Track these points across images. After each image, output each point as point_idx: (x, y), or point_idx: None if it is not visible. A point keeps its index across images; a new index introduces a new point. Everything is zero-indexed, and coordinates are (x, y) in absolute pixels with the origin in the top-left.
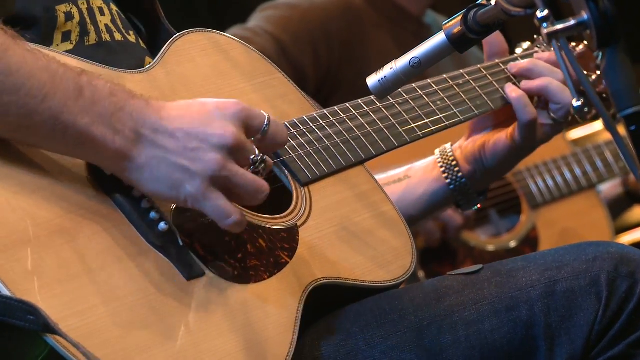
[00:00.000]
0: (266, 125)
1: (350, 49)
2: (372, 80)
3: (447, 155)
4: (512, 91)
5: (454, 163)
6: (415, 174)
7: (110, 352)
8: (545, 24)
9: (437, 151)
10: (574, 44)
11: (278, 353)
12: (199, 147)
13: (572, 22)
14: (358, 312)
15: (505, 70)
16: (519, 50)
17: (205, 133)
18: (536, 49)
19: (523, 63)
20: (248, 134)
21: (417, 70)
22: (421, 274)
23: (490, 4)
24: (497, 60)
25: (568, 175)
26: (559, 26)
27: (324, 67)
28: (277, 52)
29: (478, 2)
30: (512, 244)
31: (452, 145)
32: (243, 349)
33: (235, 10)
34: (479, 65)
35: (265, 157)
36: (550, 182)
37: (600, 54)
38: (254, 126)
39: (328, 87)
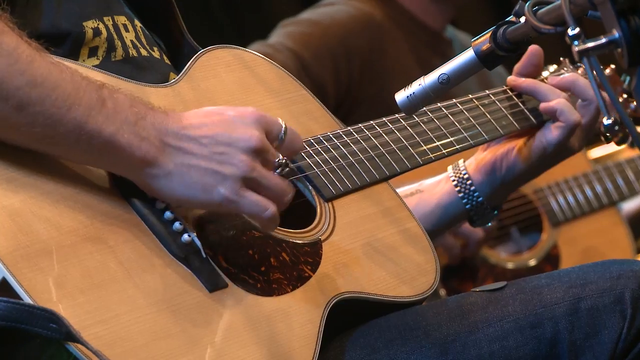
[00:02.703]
0: (283, 132)
1: (371, 65)
2: (400, 96)
3: (459, 170)
4: (552, 97)
5: (466, 176)
6: (426, 188)
7: None
8: (576, 42)
9: (449, 168)
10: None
11: None
12: (227, 151)
13: (603, 40)
14: (382, 328)
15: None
16: (545, 73)
17: (231, 137)
18: (562, 71)
19: (525, 81)
20: (268, 140)
21: (446, 87)
22: (442, 292)
23: (520, 22)
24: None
25: (589, 193)
26: (590, 44)
27: (344, 84)
28: (297, 68)
29: (507, 19)
30: (532, 262)
31: (464, 162)
32: None
33: (257, 26)
34: (504, 87)
35: (288, 161)
36: (571, 200)
37: (628, 77)
38: (273, 132)
39: (348, 103)
